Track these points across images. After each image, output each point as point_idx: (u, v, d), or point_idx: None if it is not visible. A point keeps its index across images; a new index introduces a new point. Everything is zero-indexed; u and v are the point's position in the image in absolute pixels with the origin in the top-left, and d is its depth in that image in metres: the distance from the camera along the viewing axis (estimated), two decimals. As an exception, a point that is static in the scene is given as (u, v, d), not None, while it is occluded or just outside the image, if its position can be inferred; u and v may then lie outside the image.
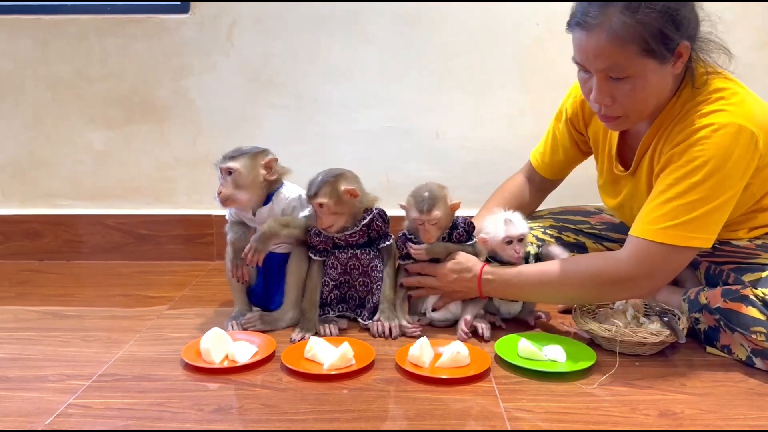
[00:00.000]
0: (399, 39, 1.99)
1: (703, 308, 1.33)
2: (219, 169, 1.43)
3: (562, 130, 1.58)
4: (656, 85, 1.22)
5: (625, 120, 1.28)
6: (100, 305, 1.67)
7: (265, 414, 1.08)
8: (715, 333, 1.32)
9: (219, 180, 1.43)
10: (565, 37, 1.95)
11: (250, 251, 1.40)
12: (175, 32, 1.99)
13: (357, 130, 2.04)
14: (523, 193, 1.68)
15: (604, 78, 1.21)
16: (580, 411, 1.10)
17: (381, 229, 1.45)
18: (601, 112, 1.28)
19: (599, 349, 1.33)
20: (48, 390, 1.18)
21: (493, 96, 2.02)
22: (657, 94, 1.24)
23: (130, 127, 2.06)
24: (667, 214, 1.21)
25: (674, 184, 1.22)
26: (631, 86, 1.20)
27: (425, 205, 1.38)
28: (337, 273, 1.45)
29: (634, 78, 1.19)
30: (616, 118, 1.27)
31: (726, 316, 1.27)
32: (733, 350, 1.29)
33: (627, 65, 1.18)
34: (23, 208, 2.11)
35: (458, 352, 1.23)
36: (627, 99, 1.22)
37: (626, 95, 1.22)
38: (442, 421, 1.06)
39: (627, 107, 1.24)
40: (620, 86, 1.21)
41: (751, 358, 1.25)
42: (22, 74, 2.02)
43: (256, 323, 1.44)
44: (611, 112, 1.26)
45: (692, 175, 1.20)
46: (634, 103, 1.23)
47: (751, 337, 1.23)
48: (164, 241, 2.09)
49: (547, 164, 1.64)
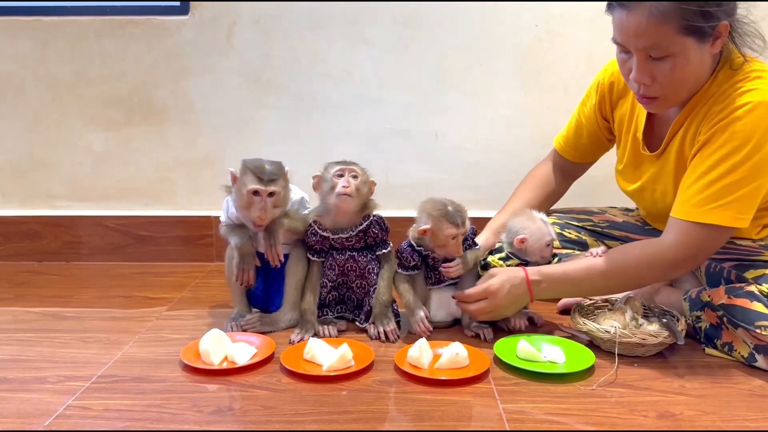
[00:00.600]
0: (398, 40, 1.99)
1: (706, 306, 1.33)
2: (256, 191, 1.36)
3: (588, 114, 1.58)
4: (696, 65, 1.23)
5: (663, 101, 1.28)
6: (99, 306, 1.67)
7: (264, 415, 1.08)
8: (717, 331, 1.32)
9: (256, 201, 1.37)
10: (564, 39, 1.97)
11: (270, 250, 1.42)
12: (175, 34, 1.99)
13: (356, 131, 2.05)
14: (550, 179, 1.68)
15: (644, 57, 1.22)
16: (578, 412, 1.10)
17: (377, 236, 1.44)
18: (639, 92, 1.28)
19: (598, 351, 1.33)
20: (47, 391, 1.18)
21: (492, 97, 2.02)
22: (696, 74, 1.25)
23: (129, 129, 2.06)
24: (711, 195, 1.23)
25: (715, 165, 1.23)
26: (671, 65, 1.21)
27: (459, 219, 1.36)
28: (334, 274, 1.45)
29: (674, 57, 1.20)
30: (655, 99, 1.28)
31: (730, 312, 1.28)
32: (735, 347, 1.29)
33: (667, 44, 1.18)
34: (23, 209, 2.11)
35: (457, 354, 1.23)
36: (667, 78, 1.22)
37: (666, 75, 1.22)
38: (441, 422, 1.06)
39: (666, 87, 1.24)
40: (660, 66, 1.21)
41: (753, 355, 1.25)
42: (22, 75, 2.02)
43: (255, 324, 1.44)
44: (650, 92, 1.26)
45: (733, 155, 1.21)
46: (674, 83, 1.24)
47: (755, 332, 1.23)
48: (164, 243, 2.09)
49: (570, 146, 1.65)
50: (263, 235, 1.42)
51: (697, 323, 1.36)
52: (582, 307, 1.45)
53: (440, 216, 1.37)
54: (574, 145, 1.64)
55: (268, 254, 1.42)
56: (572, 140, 1.64)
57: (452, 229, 1.36)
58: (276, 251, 1.42)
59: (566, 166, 1.69)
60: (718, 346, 1.32)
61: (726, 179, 1.22)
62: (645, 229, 1.59)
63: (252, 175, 1.36)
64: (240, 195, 1.38)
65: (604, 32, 1.93)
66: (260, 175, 1.35)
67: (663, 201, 1.41)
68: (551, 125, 2.02)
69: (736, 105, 1.22)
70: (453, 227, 1.36)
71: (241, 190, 1.37)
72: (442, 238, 1.38)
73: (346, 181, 1.38)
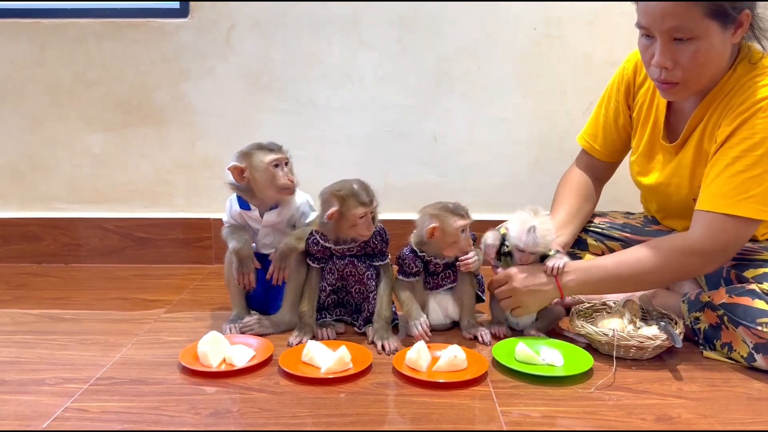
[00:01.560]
0: (397, 43, 1.99)
1: (705, 306, 1.34)
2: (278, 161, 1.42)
3: (615, 105, 1.56)
4: (718, 51, 1.25)
5: (683, 87, 1.29)
6: (97, 308, 1.67)
7: (262, 418, 1.08)
8: (716, 331, 1.32)
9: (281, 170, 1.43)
10: (563, 42, 1.97)
11: (275, 271, 1.46)
12: (174, 36, 1.99)
13: (355, 134, 2.05)
14: (586, 181, 1.64)
15: (668, 40, 1.23)
16: (576, 415, 1.10)
17: (377, 247, 1.43)
18: (661, 77, 1.28)
19: (596, 353, 1.33)
20: (45, 393, 1.18)
21: (490, 100, 2.02)
22: (717, 60, 1.27)
23: (128, 131, 2.06)
24: (738, 187, 1.24)
25: (741, 156, 1.25)
26: (695, 48, 1.22)
27: (463, 210, 1.39)
28: (334, 278, 1.45)
29: (698, 40, 1.21)
30: (675, 84, 1.28)
31: (731, 311, 1.28)
32: (734, 347, 1.29)
33: (693, 26, 1.20)
34: (21, 211, 2.11)
35: (455, 356, 1.23)
36: (689, 62, 1.24)
37: (689, 58, 1.23)
38: (439, 425, 1.06)
39: (688, 71, 1.25)
40: (684, 49, 1.23)
41: (752, 355, 1.26)
42: (21, 77, 2.03)
43: (254, 327, 1.44)
44: (671, 77, 1.27)
45: (758, 147, 1.23)
46: (696, 67, 1.25)
47: (756, 329, 1.24)
48: (162, 245, 2.09)
49: (599, 143, 1.61)
50: (275, 256, 1.45)
51: (695, 324, 1.36)
52: (580, 309, 1.45)
53: (444, 212, 1.38)
54: (603, 141, 1.60)
55: (275, 274, 1.46)
56: (600, 136, 1.60)
57: (460, 221, 1.37)
58: (284, 274, 1.46)
59: (596, 166, 1.65)
60: (717, 347, 1.32)
61: (751, 171, 1.24)
62: (645, 230, 1.60)
63: (265, 150, 1.43)
64: (260, 172, 1.42)
65: (602, 35, 1.96)
66: (272, 147, 1.43)
67: (678, 194, 1.42)
68: (550, 128, 2.03)
69: (757, 98, 1.24)
70: (459, 218, 1.37)
71: (258, 168, 1.42)
72: (452, 233, 1.37)
73: (368, 221, 1.38)
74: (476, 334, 1.43)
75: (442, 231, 1.38)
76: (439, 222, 1.37)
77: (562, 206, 1.60)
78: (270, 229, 1.50)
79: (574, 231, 1.58)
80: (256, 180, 1.43)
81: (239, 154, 1.44)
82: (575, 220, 1.58)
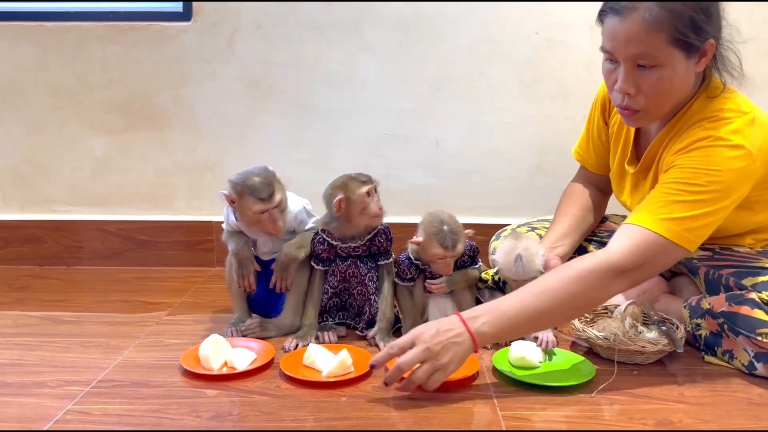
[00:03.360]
0: (399, 47, 2.00)
1: (706, 313, 1.33)
2: (263, 211, 1.38)
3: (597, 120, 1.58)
4: (681, 79, 1.25)
5: (644, 114, 1.29)
6: (99, 311, 1.67)
7: (263, 421, 1.08)
8: (717, 339, 1.32)
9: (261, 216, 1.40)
10: (564, 47, 1.98)
11: (278, 281, 1.46)
12: (176, 39, 2.00)
13: (357, 137, 2.05)
14: (585, 192, 1.65)
15: (632, 66, 1.23)
16: (577, 420, 1.10)
17: (382, 246, 1.45)
18: (623, 103, 1.28)
19: (597, 358, 1.33)
20: (46, 396, 1.18)
21: (492, 105, 2.02)
22: (679, 89, 1.27)
23: (130, 134, 2.06)
24: (665, 207, 1.22)
25: (675, 183, 1.24)
26: (658, 76, 1.22)
27: (449, 242, 1.34)
28: (336, 281, 1.46)
29: (662, 67, 1.22)
30: (636, 112, 1.29)
31: (731, 320, 1.28)
32: (735, 355, 1.29)
33: (657, 53, 1.20)
34: (23, 213, 2.11)
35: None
36: (652, 89, 1.24)
37: (652, 85, 1.24)
38: (440, 428, 1.06)
39: (650, 98, 1.26)
40: (647, 76, 1.23)
41: (752, 363, 1.26)
42: (23, 80, 2.03)
43: (255, 330, 1.44)
44: (633, 104, 1.27)
45: (698, 177, 1.22)
46: (658, 95, 1.25)
47: (756, 339, 1.23)
48: (164, 247, 2.09)
49: (589, 156, 1.64)
50: (277, 267, 1.45)
51: (696, 330, 1.36)
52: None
53: (432, 234, 1.35)
54: (593, 155, 1.63)
55: (277, 284, 1.46)
56: (590, 149, 1.62)
57: (439, 250, 1.35)
58: (286, 283, 1.46)
59: (593, 179, 1.67)
60: (718, 354, 1.32)
61: (681, 196, 1.22)
62: None
63: (252, 197, 1.37)
64: (246, 216, 1.41)
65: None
66: (259, 195, 1.37)
67: None
68: (551, 133, 2.03)
69: (704, 135, 1.25)
70: (440, 249, 1.34)
71: (246, 213, 1.40)
72: (430, 256, 1.38)
73: (378, 202, 1.40)
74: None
75: (423, 249, 1.38)
76: (423, 239, 1.37)
77: (563, 217, 1.60)
78: (268, 237, 1.50)
79: (573, 242, 1.57)
80: (242, 218, 1.43)
81: (232, 186, 1.40)
82: (576, 232, 1.58)
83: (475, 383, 1.23)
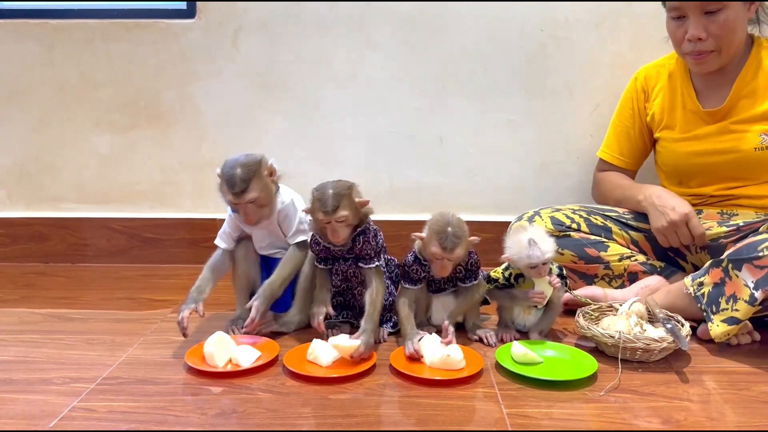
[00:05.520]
0: (403, 45, 2.00)
1: (710, 266, 1.39)
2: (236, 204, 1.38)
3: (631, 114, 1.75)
4: (741, 21, 1.51)
5: (716, 55, 1.52)
6: (104, 308, 1.68)
7: (268, 418, 1.09)
8: (720, 288, 1.35)
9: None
10: (569, 44, 1.97)
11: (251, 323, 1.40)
12: (181, 37, 2.00)
13: (361, 135, 2.05)
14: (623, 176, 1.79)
15: (700, 14, 1.48)
16: (582, 417, 1.10)
17: (362, 250, 1.38)
18: (696, 48, 1.51)
19: (602, 356, 1.33)
20: (52, 393, 1.18)
21: (497, 102, 2.02)
22: (741, 30, 1.52)
23: (135, 132, 2.07)
24: None
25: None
26: (724, 17, 1.47)
27: (449, 244, 1.33)
28: (339, 280, 1.45)
29: (726, 9, 1.47)
30: (709, 53, 1.51)
31: (736, 254, 1.34)
32: (738, 296, 1.32)
33: None
34: (29, 211, 2.12)
35: (449, 355, 1.24)
36: (720, 30, 1.48)
37: (720, 26, 1.48)
38: (445, 426, 1.06)
39: (719, 39, 1.49)
40: (714, 20, 1.48)
41: (752, 295, 1.29)
42: (29, 78, 2.04)
43: (271, 324, 1.44)
44: (704, 46, 1.50)
45: None
46: (726, 35, 1.49)
47: (758, 256, 1.29)
48: (169, 245, 2.10)
49: (623, 154, 1.78)
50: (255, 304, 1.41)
51: (699, 291, 1.39)
52: (586, 311, 1.45)
53: (435, 232, 1.35)
54: (622, 150, 1.77)
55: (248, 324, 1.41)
56: (624, 147, 1.77)
57: (437, 250, 1.34)
58: (256, 323, 1.40)
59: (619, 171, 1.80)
60: (722, 305, 1.34)
61: None
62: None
63: (226, 186, 1.37)
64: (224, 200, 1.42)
65: (609, 38, 1.96)
66: (233, 189, 1.36)
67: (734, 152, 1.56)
68: (556, 130, 2.03)
69: None
70: (439, 249, 1.34)
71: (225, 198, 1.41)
72: (429, 253, 1.37)
73: (333, 229, 1.33)
74: (481, 336, 1.43)
75: (424, 246, 1.38)
76: (426, 236, 1.37)
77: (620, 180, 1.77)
78: (264, 232, 1.50)
79: None
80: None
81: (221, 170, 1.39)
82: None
83: (480, 380, 1.23)
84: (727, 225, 1.56)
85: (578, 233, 1.64)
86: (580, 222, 1.65)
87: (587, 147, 1.99)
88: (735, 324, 1.32)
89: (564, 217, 1.65)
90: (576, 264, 1.63)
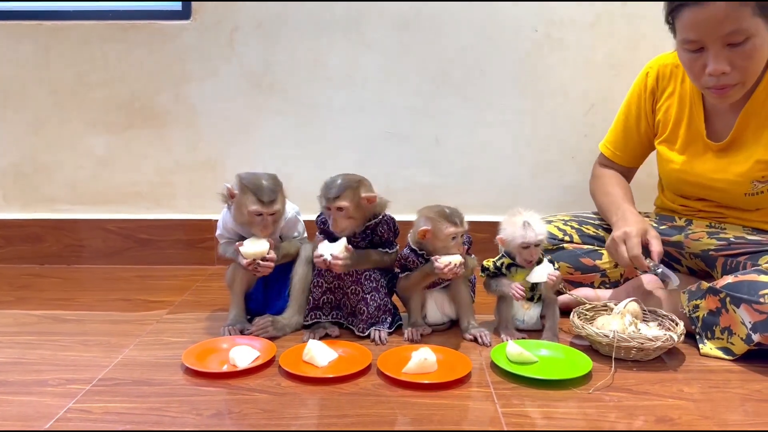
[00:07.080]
0: (399, 45, 2.00)
1: (707, 292, 1.35)
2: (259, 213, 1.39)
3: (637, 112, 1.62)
4: (766, 45, 1.31)
5: (739, 88, 1.36)
6: (100, 309, 1.67)
7: (264, 419, 1.09)
8: (715, 317, 1.34)
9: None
10: (564, 44, 1.98)
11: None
12: (177, 38, 2.00)
13: (357, 135, 2.05)
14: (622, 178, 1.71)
15: (722, 47, 1.30)
16: (577, 416, 1.10)
17: (384, 236, 1.45)
18: (719, 83, 1.33)
19: (597, 355, 1.33)
20: (48, 394, 1.18)
21: (492, 102, 2.03)
22: (765, 56, 1.34)
23: (131, 132, 2.06)
24: None
25: None
26: (751, 46, 1.29)
27: (457, 218, 1.38)
28: (331, 276, 1.45)
29: (752, 38, 1.28)
30: (732, 87, 1.34)
31: (734, 289, 1.30)
32: (734, 331, 1.30)
33: (746, 25, 1.27)
34: (24, 212, 2.11)
35: (425, 359, 1.24)
36: (746, 61, 1.31)
37: (746, 57, 1.30)
38: (441, 426, 1.06)
39: (744, 70, 1.32)
40: (738, 51, 1.29)
41: (749, 335, 1.27)
42: (24, 79, 2.03)
43: (268, 329, 1.43)
44: (728, 80, 1.33)
45: None
46: (753, 65, 1.32)
47: (759, 302, 1.25)
48: (165, 246, 2.10)
49: (621, 150, 1.68)
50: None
51: (694, 312, 1.38)
52: (581, 311, 1.46)
53: (438, 217, 1.38)
54: (624, 147, 1.68)
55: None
56: (622, 142, 1.68)
57: (451, 228, 1.37)
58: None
59: (617, 168, 1.72)
60: (717, 333, 1.34)
61: None
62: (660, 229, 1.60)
63: (253, 196, 1.38)
64: (240, 213, 1.41)
65: (603, 38, 1.96)
66: (261, 196, 1.38)
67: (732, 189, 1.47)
68: (551, 130, 2.03)
69: None
70: (452, 225, 1.37)
71: (241, 209, 1.40)
72: (443, 239, 1.38)
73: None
74: (476, 335, 1.43)
75: (434, 235, 1.38)
76: (431, 225, 1.38)
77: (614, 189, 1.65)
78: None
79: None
80: (236, 214, 1.43)
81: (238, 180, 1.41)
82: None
83: (475, 380, 1.23)
84: (717, 238, 1.51)
85: (571, 244, 1.64)
86: (572, 233, 1.65)
87: (582, 147, 1.99)
88: (730, 355, 1.32)
89: (556, 230, 1.64)
90: (573, 275, 1.62)
